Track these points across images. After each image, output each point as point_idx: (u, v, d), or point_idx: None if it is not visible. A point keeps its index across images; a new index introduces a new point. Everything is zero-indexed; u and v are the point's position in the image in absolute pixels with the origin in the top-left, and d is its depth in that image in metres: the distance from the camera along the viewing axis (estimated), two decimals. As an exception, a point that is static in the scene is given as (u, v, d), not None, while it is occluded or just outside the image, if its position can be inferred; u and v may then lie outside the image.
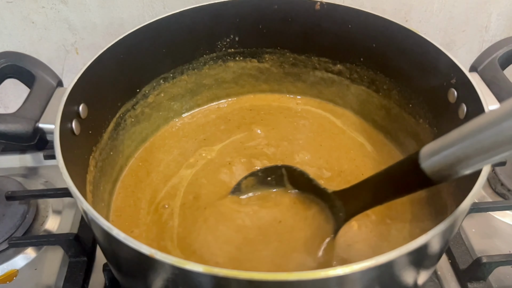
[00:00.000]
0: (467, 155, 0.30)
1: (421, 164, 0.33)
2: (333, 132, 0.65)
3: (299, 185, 0.53)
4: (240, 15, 0.62)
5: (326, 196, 0.49)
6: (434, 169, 0.32)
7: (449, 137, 0.31)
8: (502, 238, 0.60)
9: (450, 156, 0.31)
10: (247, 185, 0.54)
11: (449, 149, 0.31)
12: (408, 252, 0.32)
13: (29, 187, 0.66)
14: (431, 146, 0.33)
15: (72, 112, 0.47)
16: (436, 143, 0.32)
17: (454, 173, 0.32)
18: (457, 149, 0.30)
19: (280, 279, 0.29)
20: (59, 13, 0.71)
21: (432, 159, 0.32)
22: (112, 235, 0.32)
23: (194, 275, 0.31)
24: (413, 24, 0.77)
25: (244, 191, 0.54)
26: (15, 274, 0.57)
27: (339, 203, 0.46)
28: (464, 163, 0.31)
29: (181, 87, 0.65)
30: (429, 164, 0.33)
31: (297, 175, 0.52)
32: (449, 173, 0.32)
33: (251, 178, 0.54)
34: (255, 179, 0.54)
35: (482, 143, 0.29)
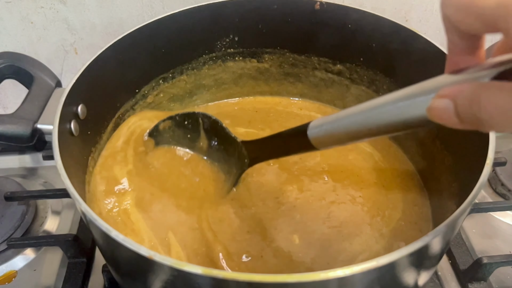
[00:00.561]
0: (336, 132, 0.38)
1: (307, 131, 0.41)
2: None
3: (212, 133, 0.57)
4: (240, 15, 0.62)
5: (235, 145, 0.53)
6: (315, 138, 0.40)
7: (331, 116, 0.39)
8: (502, 238, 0.60)
9: (326, 130, 0.39)
10: (164, 127, 0.58)
11: (325, 126, 0.39)
12: (409, 253, 0.32)
13: (28, 187, 0.66)
14: (318, 120, 0.41)
15: (71, 112, 0.47)
16: (321, 119, 0.40)
17: (328, 144, 0.40)
18: (331, 125, 0.38)
19: (280, 281, 0.29)
20: (58, 13, 0.71)
21: (315, 130, 0.40)
22: (110, 236, 0.32)
23: (193, 276, 0.30)
24: (413, 23, 0.77)
25: (160, 135, 0.58)
26: (14, 275, 0.57)
27: (245, 152, 0.52)
28: (335, 138, 0.39)
29: (181, 88, 0.65)
30: (312, 133, 0.41)
31: (212, 123, 0.56)
32: (324, 143, 0.40)
33: (169, 121, 0.58)
34: (172, 122, 0.58)
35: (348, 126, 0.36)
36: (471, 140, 0.45)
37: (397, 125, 0.31)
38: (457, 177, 0.48)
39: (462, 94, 0.25)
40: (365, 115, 0.34)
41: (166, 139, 0.59)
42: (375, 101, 0.33)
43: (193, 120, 0.57)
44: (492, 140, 0.40)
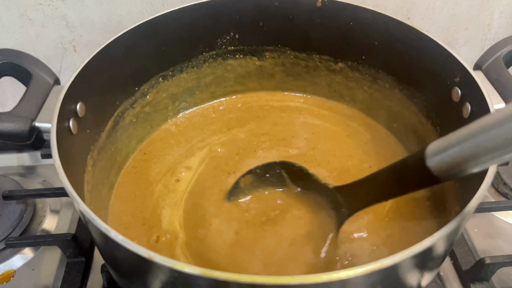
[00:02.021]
0: (474, 154, 0.30)
1: (427, 162, 0.33)
2: (335, 130, 0.64)
3: (299, 181, 0.52)
4: (240, 12, 0.61)
5: (327, 192, 0.48)
6: (441, 167, 0.32)
7: (456, 135, 0.31)
8: (505, 238, 0.59)
9: (456, 154, 0.31)
10: (246, 183, 0.53)
11: (456, 147, 0.31)
12: (413, 255, 0.31)
13: (26, 186, 0.65)
14: (438, 144, 0.32)
15: (70, 110, 0.46)
16: (443, 141, 0.32)
17: (460, 171, 0.32)
18: (464, 147, 0.30)
19: (282, 283, 0.29)
20: (56, 10, 0.70)
21: (438, 157, 0.32)
22: (109, 237, 0.32)
23: (193, 278, 0.30)
24: (415, 21, 0.76)
25: (242, 192, 0.53)
26: (12, 274, 0.57)
27: (341, 199, 0.46)
28: (471, 162, 0.30)
29: (181, 86, 0.65)
30: (435, 162, 0.32)
31: (295, 171, 0.51)
32: (455, 171, 0.32)
33: (249, 176, 0.53)
34: (253, 177, 0.53)
35: (489, 142, 0.28)
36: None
37: None
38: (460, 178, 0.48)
39: None
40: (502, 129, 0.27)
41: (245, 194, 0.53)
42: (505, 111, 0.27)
43: (274, 170, 0.52)
44: (497, 139, 0.39)
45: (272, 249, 0.47)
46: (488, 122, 0.29)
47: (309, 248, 0.47)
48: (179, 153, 0.61)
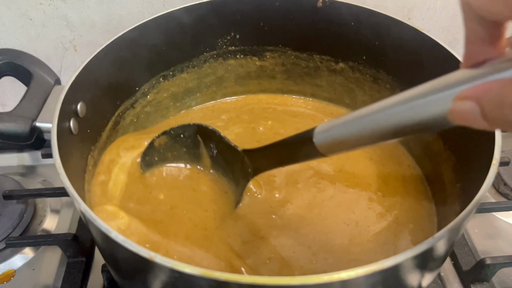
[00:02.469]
0: (345, 137, 0.36)
1: (313, 138, 0.38)
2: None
3: (211, 145, 0.54)
4: (241, 12, 0.61)
5: (237, 154, 0.51)
6: (323, 144, 0.38)
7: (337, 120, 0.36)
8: (505, 239, 0.59)
9: (334, 135, 0.37)
10: (160, 143, 0.55)
11: (334, 129, 0.37)
12: (413, 256, 0.31)
13: (27, 186, 0.65)
14: (324, 125, 0.38)
15: (70, 110, 0.46)
16: (328, 123, 0.38)
17: (337, 150, 0.38)
18: (340, 131, 0.36)
19: (283, 283, 0.29)
20: (57, 10, 0.70)
21: (321, 136, 0.38)
22: (110, 237, 0.32)
23: (194, 278, 0.30)
24: (415, 22, 0.76)
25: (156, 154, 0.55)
26: (12, 274, 0.57)
27: (248, 161, 0.50)
28: (344, 143, 0.36)
29: (181, 86, 0.65)
30: (319, 138, 0.38)
31: (209, 133, 0.53)
32: (333, 149, 0.38)
33: (164, 136, 0.54)
34: (168, 137, 0.55)
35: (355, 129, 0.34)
36: (475, 139, 0.45)
37: (413, 126, 0.29)
38: (460, 177, 0.48)
39: (488, 94, 0.23)
40: (376, 116, 0.32)
41: (163, 157, 0.56)
42: (387, 101, 0.31)
43: (189, 132, 0.55)
44: (498, 139, 0.39)
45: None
46: (363, 113, 0.34)
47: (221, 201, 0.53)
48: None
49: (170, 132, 0.54)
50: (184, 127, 0.54)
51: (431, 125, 0.28)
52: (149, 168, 0.55)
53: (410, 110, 0.29)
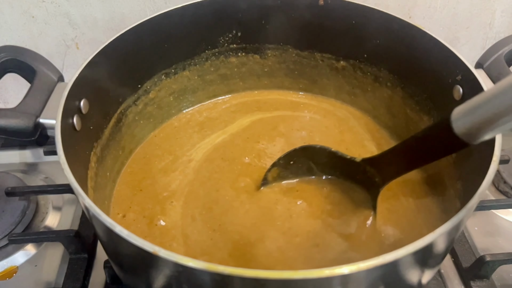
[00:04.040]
0: (497, 113, 0.30)
1: (453, 126, 0.33)
2: (335, 129, 0.64)
3: (324, 163, 0.51)
4: (243, 10, 0.61)
5: (356, 167, 0.47)
6: (466, 130, 0.32)
7: (479, 97, 0.31)
8: (505, 236, 0.60)
9: (482, 115, 0.31)
10: (273, 176, 0.53)
11: (481, 108, 0.31)
12: (414, 251, 0.31)
13: (29, 183, 0.65)
14: (462, 108, 0.33)
15: (73, 107, 0.46)
16: (468, 104, 0.32)
17: (485, 132, 0.32)
18: (489, 107, 0.30)
19: (286, 277, 0.29)
20: (59, 8, 0.70)
21: (464, 119, 0.32)
22: (114, 232, 0.32)
23: (198, 272, 0.30)
24: (416, 20, 0.77)
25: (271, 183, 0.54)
26: (15, 270, 0.57)
27: (372, 170, 0.45)
28: (496, 121, 0.30)
29: (183, 83, 0.65)
30: (460, 124, 0.32)
31: (318, 152, 0.50)
32: (481, 133, 0.32)
33: (275, 169, 0.53)
34: (278, 169, 0.53)
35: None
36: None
37: None
38: (461, 174, 0.48)
39: None
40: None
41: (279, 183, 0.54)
42: None
43: (298, 157, 0.52)
44: (499, 137, 0.40)
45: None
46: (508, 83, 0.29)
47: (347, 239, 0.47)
48: (182, 150, 0.61)
49: (280, 162, 0.52)
50: (291, 154, 0.52)
51: None
52: None
53: None
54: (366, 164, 0.46)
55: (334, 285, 0.32)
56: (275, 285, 0.30)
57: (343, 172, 0.50)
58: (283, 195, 0.53)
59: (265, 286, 0.30)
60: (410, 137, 0.39)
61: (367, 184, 0.48)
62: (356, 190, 0.51)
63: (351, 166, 0.48)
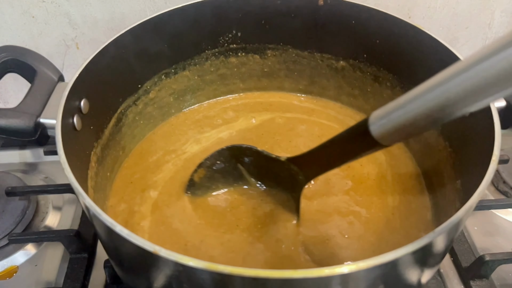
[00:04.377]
0: (409, 119, 0.32)
1: (369, 127, 0.35)
2: (335, 129, 0.64)
3: (251, 164, 0.52)
4: (243, 10, 0.61)
5: (281, 166, 0.49)
6: (381, 133, 0.35)
7: (393, 103, 0.33)
8: (504, 236, 0.60)
9: (393, 120, 0.33)
10: (200, 177, 0.54)
11: (394, 113, 0.33)
12: (414, 251, 0.31)
13: (29, 183, 0.65)
14: (379, 112, 0.35)
15: (74, 107, 0.46)
16: (383, 109, 0.34)
17: (399, 136, 0.34)
18: (400, 114, 0.32)
19: (286, 277, 0.29)
20: (59, 8, 0.70)
21: (379, 123, 0.34)
22: (115, 231, 0.32)
23: (198, 272, 0.30)
24: (416, 20, 0.77)
25: (199, 186, 0.54)
26: (15, 270, 0.57)
27: (295, 169, 0.47)
28: (408, 127, 0.32)
29: (183, 83, 0.65)
30: (376, 127, 0.35)
31: (244, 151, 0.52)
32: (394, 136, 0.34)
33: (201, 169, 0.54)
34: (205, 170, 0.54)
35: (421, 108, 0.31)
36: (476, 136, 0.45)
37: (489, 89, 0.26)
38: (460, 174, 0.48)
39: None
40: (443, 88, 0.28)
41: (207, 188, 0.54)
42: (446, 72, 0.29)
43: (224, 157, 0.53)
44: (498, 136, 0.40)
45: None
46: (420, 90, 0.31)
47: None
48: (181, 149, 0.61)
49: (206, 163, 0.53)
50: (219, 153, 0.53)
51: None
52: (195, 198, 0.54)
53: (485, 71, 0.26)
54: (290, 163, 0.47)
55: (333, 284, 0.32)
56: (275, 284, 0.30)
57: (269, 171, 0.51)
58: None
59: (265, 285, 0.30)
60: (332, 138, 0.41)
61: (291, 184, 0.49)
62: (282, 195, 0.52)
63: (277, 165, 0.49)
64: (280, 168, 0.49)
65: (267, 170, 0.52)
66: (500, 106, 0.47)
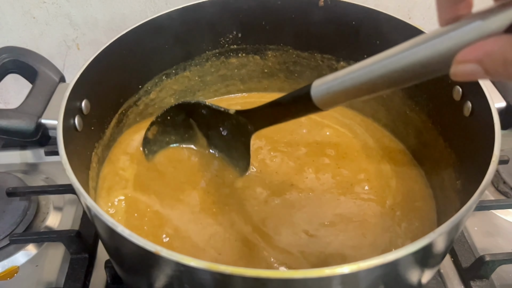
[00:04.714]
0: (342, 88, 0.37)
1: (311, 92, 0.40)
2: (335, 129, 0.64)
3: (202, 119, 0.56)
4: (243, 11, 0.61)
5: (231, 117, 0.53)
6: (320, 98, 0.39)
7: (332, 75, 0.38)
8: (504, 236, 0.60)
9: (331, 87, 0.38)
10: (154, 134, 0.57)
11: (331, 82, 0.38)
12: (415, 251, 0.32)
13: (29, 183, 0.65)
14: (320, 80, 0.39)
15: (75, 108, 0.47)
16: (325, 77, 0.39)
17: (333, 103, 0.39)
18: (336, 82, 0.37)
19: (286, 277, 0.29)
20: (60, 8, 0.71)
21: (319, 89, 0.39)
22: (116, 231, 0.32)
23: (199, 272, 0.30)
24: (416, 21, 0.76)
25: (153, 142, 0.57)
26: (15, 270, 0.57)
27: (244, 120, 0.52)
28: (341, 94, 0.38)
29: (184, 84, 0.65)
30: (317, 93, 0.39)
31: (195, 107, 0.55)
32: (329, 102, 0.39)
33: (154, 127, 0.57)
34: (157, 126, 0.57)
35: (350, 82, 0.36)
36: (476, 137, 0.45)
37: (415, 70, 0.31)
38: (460, 175, 0.48)
39: (490, 55, 0.24)
40: (374, 67, 0.33)
41: (160, 145, 0.58)
42: (387, 52, 0.33)
43: (175, 114, 0.56)
44: (498, 136, 0.40)
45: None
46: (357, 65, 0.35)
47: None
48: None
49: (158, 120, 0.56)
50: (169, 111, 0.56)
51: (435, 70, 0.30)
52: (152, 155, 0.58)
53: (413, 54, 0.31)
54: (239, 115, 0.52)
55: (334, 284, 0.32)
56: (275, 284, 0.30)
57: (220, 125, 0.55)
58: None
59: (265, 285, 0.30)
60: (279, 98, 0.46)
61: (240, 133, 0.54)
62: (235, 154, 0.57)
63: (228, 118, 0.53)
64: (230, 121, 0.54)
65: (217, 123, 0.55)
66: (500, 107, 0.48)
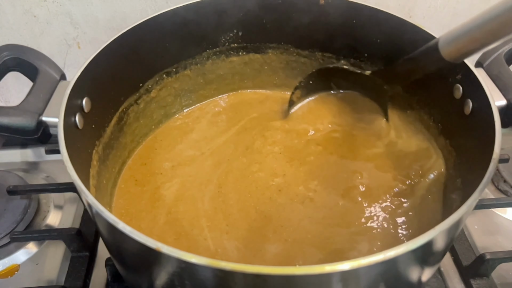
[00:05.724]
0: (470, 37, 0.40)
1: (438, 46, 0.43)
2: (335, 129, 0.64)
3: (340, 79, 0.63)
4: (244, 9, 0.61)
5: (366, 79, 0.59)
6: (448, 50, 0.43)
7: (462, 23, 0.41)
8: (504, 234, 0.60)
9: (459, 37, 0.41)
10: (298, 97, 0.64)
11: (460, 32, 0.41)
12: (414, 248, 0.32)
13: (30, 181, 0.66)
14: (446, 36, 0.43)
15: (76, 106, 0.47)
16: (452, 29, 0.42)
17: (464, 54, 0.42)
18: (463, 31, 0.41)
19: (287, 273, 0.29)
20: (61, 7, 0.71)
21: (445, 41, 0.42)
22: (118, 228, 0.32)
23: (200, 268, 0.30)
24: (416, 20, 0.76)
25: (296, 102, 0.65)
26: (16, 268, 0.57)
27: (379, 81, 0.57)
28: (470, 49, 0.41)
29: (184, 82, 0.65)
30: (443, 46, 0.43)
31: (334, 70, 0.62)
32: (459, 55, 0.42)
33: (298, 91, 0.64)
34: (301, 90, 0.64)
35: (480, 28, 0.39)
36: (476, 135, 0.45)
37: None
38: (461, 172, 0.48)
39: None
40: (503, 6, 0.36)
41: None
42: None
43: (315, 79, 0.63)
44: (498, 135, 0.40)
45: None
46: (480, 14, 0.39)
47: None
48: (182, 148, 0.62)
49: (301, 85, 0.63)
50: (311, 75, 0.63)
51: None
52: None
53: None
54: (374, 76, 0.57)
55: (335, 281, 0.32)
56: (277, 281, 0.30)
57: (356, 85, 0.61)
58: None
59: (267, 281, 0.30)
60: (407, 57, 0.51)
61: (377, 93, 0.59)
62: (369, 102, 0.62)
63: (363, 79, 0.59)
64: (366, 82, 0.59)
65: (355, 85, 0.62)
66: (500, 105, 0.48)
